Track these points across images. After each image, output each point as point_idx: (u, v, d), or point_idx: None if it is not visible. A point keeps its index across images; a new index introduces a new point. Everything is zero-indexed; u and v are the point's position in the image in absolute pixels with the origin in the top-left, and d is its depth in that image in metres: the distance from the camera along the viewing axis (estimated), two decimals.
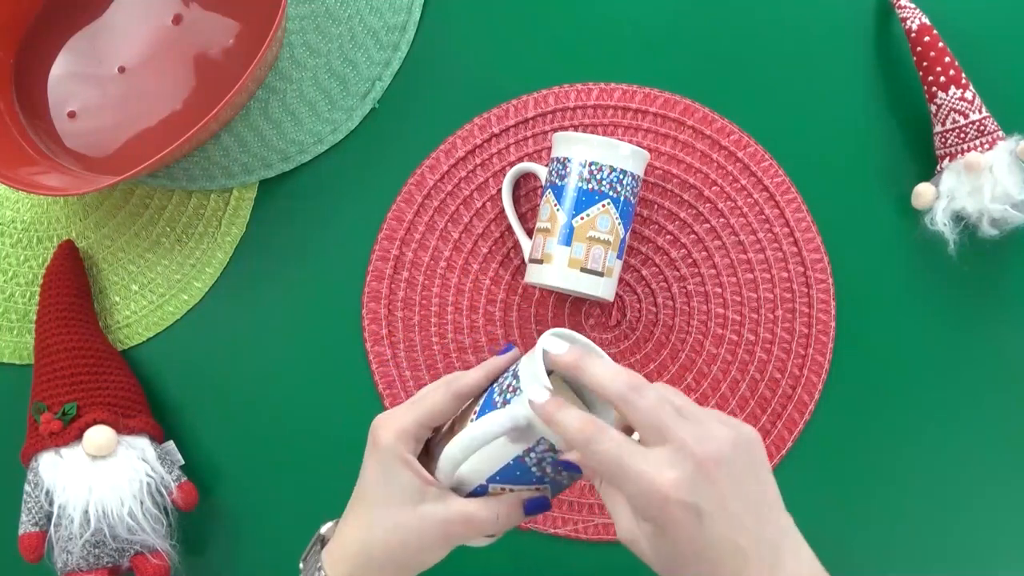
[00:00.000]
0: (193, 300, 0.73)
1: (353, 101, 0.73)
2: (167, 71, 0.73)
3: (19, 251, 0.75)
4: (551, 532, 0.71)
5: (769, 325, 0.71)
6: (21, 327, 0.74)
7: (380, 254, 0.72)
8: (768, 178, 0.71)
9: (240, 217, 0.73)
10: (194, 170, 0.73)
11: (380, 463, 0.49)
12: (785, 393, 0.71)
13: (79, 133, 0.73)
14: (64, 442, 0.65)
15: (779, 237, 0.71)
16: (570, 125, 0.72)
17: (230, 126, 0.73)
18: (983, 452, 0.71)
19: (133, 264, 0.74)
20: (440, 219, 0.72)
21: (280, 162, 0.73)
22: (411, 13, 0.73)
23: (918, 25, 0.68)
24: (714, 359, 0.71)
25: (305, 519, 0.72)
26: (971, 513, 0.71)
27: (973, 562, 0.71)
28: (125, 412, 0.68)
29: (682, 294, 0.72)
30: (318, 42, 0.74)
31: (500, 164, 0.72)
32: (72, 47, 0.74)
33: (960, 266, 0.70)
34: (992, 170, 0.65)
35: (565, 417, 0.43)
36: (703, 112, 0.72)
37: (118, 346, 0.73)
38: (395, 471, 0.48)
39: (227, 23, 0.73)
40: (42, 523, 0.65)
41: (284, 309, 0.73)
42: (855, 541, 0.71)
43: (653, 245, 0.72)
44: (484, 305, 0.72)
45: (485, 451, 0.48)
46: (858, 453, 0.71)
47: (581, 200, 0.65)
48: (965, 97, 0.67)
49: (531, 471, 0.48)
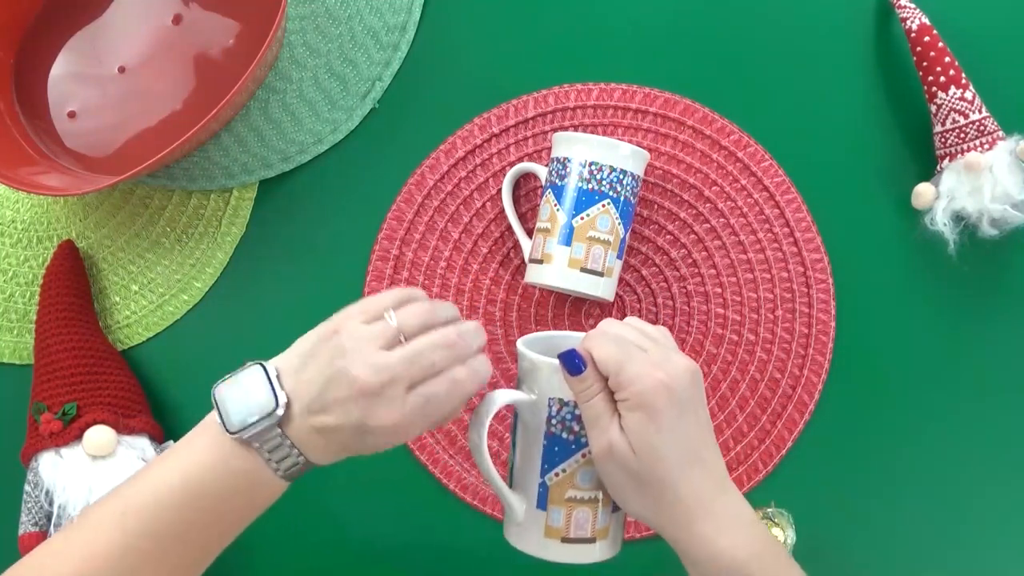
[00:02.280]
0: (193, 300, 0.73)
1: (353, 101, 0.73)
2: (167, 71, 0.73)
3: (19, 251, 0.75)
4: None
5: (769, 325, 0.71)
6: (21, 327, 0.74)
7: (380, 254, 0.72)
8: (768, 178, 0.71)
9: (240, 217, 0.73)
10: (194, 170, 0.73)
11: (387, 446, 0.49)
12: (785, 393, 0.71)
13: (79, 133, 0.73)
14: (64, 442, 0.65)
15: (779, 237, 0.71)
16: (570, 125, 0.72)
17: (230, 126, 0.73)
18: (983, 452, 0.71)
19: (133, 264, 0.74)
20: (440, 219, 0.72)
21: (280, 162, 0.73)
22: (411, 13, 0.73)
23: (918, 25, 0.68)
24: (714, 359, 0.71)
25: (305, 518, 0.72)
26: (971, 513, 0.71)
27: (973, 562, 0.71)
28: (125, 412, 0.68)
29: (682, 294, 0.72)
30: (318, 42, 0.74)
31: (500, 164, 0.72)
32: (72, 47, 0.74)
33: (960, 266, 0.70)
34: (992, 170, 0.65)
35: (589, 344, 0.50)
36: (703, 112, 0.72)
37: (118, 346, 0.73)
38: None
39: (227, 23, 0.73)
40: (42, 523, 0.65)
41: (284, 309, 0.73)
42: (855, 541, 0.71)
43: (653, 245, 0.72)
44: (484, 305, 0.72)
45: (521, 452, 0.53)
46: (858, 453, 0.71)
47: (581, 200, 0.65)
48: (965, 97, 0.67)
49: (565, 439, 0.51)
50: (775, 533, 0.68)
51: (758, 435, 0.71)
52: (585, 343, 0.50)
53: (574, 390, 0.50)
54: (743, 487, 0.71)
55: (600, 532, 0.52)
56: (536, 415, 0.52)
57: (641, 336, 0.51)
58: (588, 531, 0.52)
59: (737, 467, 0.71)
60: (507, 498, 0.53)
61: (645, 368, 0.48)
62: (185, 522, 0.46)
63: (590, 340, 0.50)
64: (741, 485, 0.71)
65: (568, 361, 0.49)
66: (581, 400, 0.50)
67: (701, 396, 0.50)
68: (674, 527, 0.49)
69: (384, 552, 0.72)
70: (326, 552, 0.72)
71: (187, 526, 0.46)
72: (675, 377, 0.48)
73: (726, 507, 0.49)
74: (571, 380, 0.50)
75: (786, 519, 0.68)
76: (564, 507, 0.51)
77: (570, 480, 0.51)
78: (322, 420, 0.46)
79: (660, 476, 0.48)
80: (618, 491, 0.50)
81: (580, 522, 0.51)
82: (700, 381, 0.50)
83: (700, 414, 0.49)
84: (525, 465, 0.53)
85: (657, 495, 0.48)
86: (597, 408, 0.49)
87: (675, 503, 0.48)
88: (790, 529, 0.68)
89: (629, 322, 0.53)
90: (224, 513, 0.48)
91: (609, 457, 0.49)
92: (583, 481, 0.51)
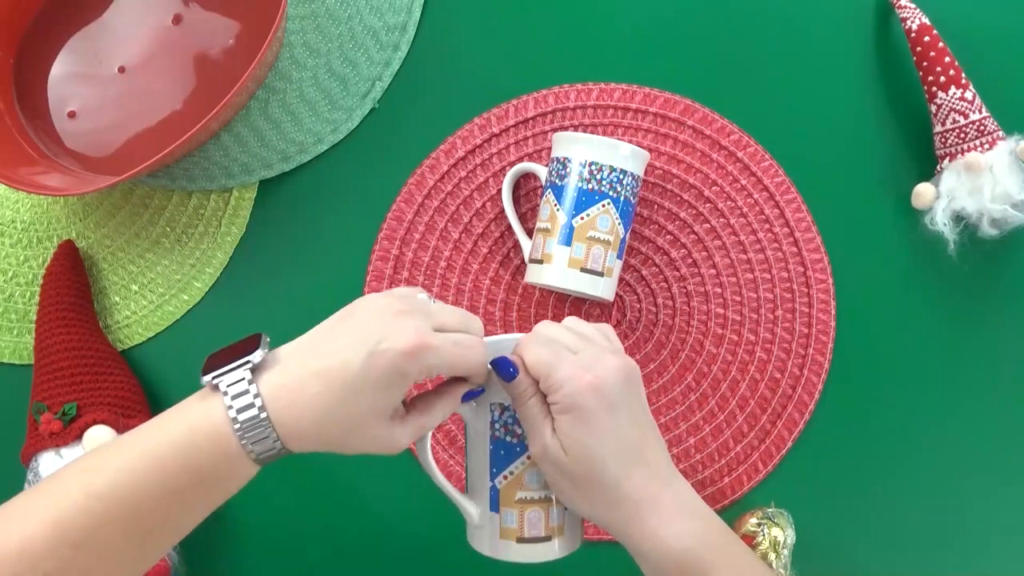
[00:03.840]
0: (193, 300, 0.73)
1: (353, 101, 0.73)
2: (167, 71, 0.73)
3: (19, 251, 0.75)
4: None
5: (769, 325, 0.71)
6: (21, 327, 0.74)
7: (380, 254, 0.72)
8: (768, 178, 0.71)
9: (240, 217, 0.73)
10: (194, 170, 0.73)
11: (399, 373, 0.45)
12: (785, 393, 0.71)
13: (79, 133, 0.73)
14: (64, 442, 0.65)
15: (779, 237, 0.71)
16: (570, 125, 0.72)
17: (230, 126, 0.73)
18: (983, 452, 0.71)
19: (133, 264, 0.74)
20: (440, 219, 0.72)
21: (280, 162, 0.73)
22: (411, 13, 0.73)
23: (918, 25, 0.68)
24: (714, 359, 0.71)
25: (305, 518, 0.72)
26: (971, 513, 0.71)
27: (973, 562, 0.71)
28: (125, 412, 0.68)
29: (682, 294, 0.72)
30: (318, 42, 0.74)
31: (500, 164, 0.72)
32: (72, 47, 0.74)
33: (960, 266, 0.70)
34: (992, 170, 0.65)
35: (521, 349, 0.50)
36: (703, 112, 0.72)
37: (118, 346, 0.73)
38: (399, 389, 0.46)
39: (227, 23, 0.73)
40: None
41: (284, 309, 0.73)
42: (855, 541, 0.71)
43: (653, 245, 0.72)
44: (484, 305, 0.72)
45: (471, 457, 0.54)
46: (858, 453, 0.71)
47: (581, 200, 0.65)
48: (965, 97, 0.67)
49: (509, 442, 0.52)
50: (775, 533, 0.68)
51: (758, 435, 0.71)
52: (518, 348, 0.51)
53: (510, 395, 0.51)
54: (743, 487, 0.71)
55: (555, 530, 0.53)
56: (480, 420, 0.53)
57: (575, 337, 0.51)
58: (542, 530, 0.52)
59: (737, 467, 0.71)
60: (460, 503, 0.54)
61: (573, 371, 0.48)
62: (140, 494, 0.42)
63: (522, 345, 0.51)
64: (741, 485, 0.71)
65: (501, 367, 0.50)
66: (516, 404, 0.50)
67: (637, 394, 0.50)
68: (619, 524, 0.49)
69: (383, 551, 0.72)
70: (324, 551, 0.72)
71: (143, 498, 0.42)
72: (604, 378, 0.48)
73: (672, 499, 0.49)
74: (505, 385, 0.50)
75: (786, 519, 0.68)
76: (515, 508, 0.52)
77: (518, 482, 0.52)
78: (323, 363, 0.43)
79: (598, 477, 0.48)
80: (560, 491, 0.51)
81: (533, 521, 0.52)
82: (635, 379, 0.50)
83: (636, 412, 0.50)
84: (475, 469, 0.54)
85: (599, 494, 0.49)
86: (532, 411, 0.50)
87: (619, 501, 0.48)
88: (790, 529, 0.68)
89: (566, 323, 0.53)
90: (182, 488, 0.43)
91: (544, 459, 0.49)
92: (531, 482, 0.52)
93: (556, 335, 0.51)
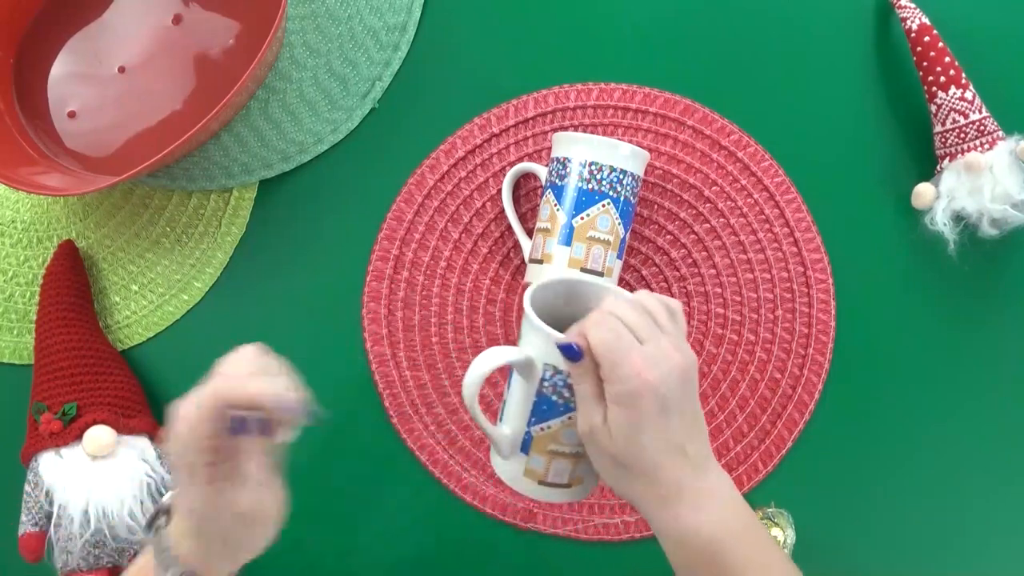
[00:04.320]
0: (193, 300, 0.73)
1: (353, 101, 0.73)
2: (167, 71, 0.73)
3: (19, 251, 0.75)
4: (551, 532, 0.71)
5: (769, 325, 0.71)
6: (21, 327, 0.74)
7: (380, 254, 0.72)
8: (768, 178, 0.71)
9: (240, 217, 0.73)
10: (194, 170, 0.73)
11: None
12: (785, 393, 0.71)
13: (79, 133, 0.73)
14: (64, 442, 0.65)
15: (779, 237, 0.71)
16: (570, 125, 0.72)
17: (230, 126, 0.73)
18: (983, 452, 0.71)
19: (133, 264, 0.74)
20: (440, 219, 0.72)
21: (280, 162, 0.73)
22: (411, 13, 0.73)
23: (918, 25, 0.68)
24: (714, 359, 0.71)
25: (304, 517, 0.72)
26: (971, 513, 0.71)
27: (973, 562, 0.71)
28: (125, 412, 0.68)
29: (682, 294, 0.72)
30: (318, 42, 0.74)
31: (500, 164, 0.72)
32: (72, 47, 0.74)
33: (960, 266, 0.70)
34: (992, 170, 0.65)
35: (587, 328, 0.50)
36: (703, 112, 0.72)
37: (118, 346, 0.73)
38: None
39: (227, 23, 0.73)
40: (42, 523, 0.65)
41: (284, 309, 0.73)
42: (855, 541, 0.71)
43: (653, 245, 0.72)
44: (484, 305, 0.72)
45: (511, 398, 0.55)
46: (858, 453, 0.71)
47: (581, 200, 0.65)
48: (965, 97, 0.67)
49: (555, 401, 0.53)
50: (775, 533, 0.68)
51: (758, 435, 0.71)
52: (584, 327, 0.50)
53: (569, 370, 0.51)
54: (743, 487, 0.71)
55: (575, 480, 0.55)
56: (531, 374, 0.53)
57: (644, 322, 0.50)
58: (565, 479, 0.54)
59: (737, 467, 0.71)
60: (493, 436, 0.55)
61: (636, 367, 0.48)
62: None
63: (590, 325, 0.50)
64: (741, 485, 0.71)
65: (566, 351, 0.50)
66: (574, 380, 0.51)
67: (692, 392, 0.50)
68: (649, 505, 0.50)
69: (384, 552, 0.72)
70: (325, 552, 0.72)
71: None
72: (665, 380, 0.48)
73: (704, 486, 0.49)
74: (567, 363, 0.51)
75: (786, 519, 0.68)
76: (545, 456, 0.53)
77: (554, 437, 0.53)
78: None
79: (637, 463, 0.49)
80: (598, 465, 0.52)
81: (559, 471, 0.54)
82: (693, 377, 0.50)
83: (687, 409, 0.50)
84: (513, 411, 0.54)
85: (635, 476, 0.49)
86: (587, 391, 0.50)
87: (653, 484, 0.49)
88: (790, 529, 0.68)
89: (639, 299, 0.52)
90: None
91: (590, 438, 0.50)
92: (566, 439, 0.53)
93: (624, 315, 0.50)
